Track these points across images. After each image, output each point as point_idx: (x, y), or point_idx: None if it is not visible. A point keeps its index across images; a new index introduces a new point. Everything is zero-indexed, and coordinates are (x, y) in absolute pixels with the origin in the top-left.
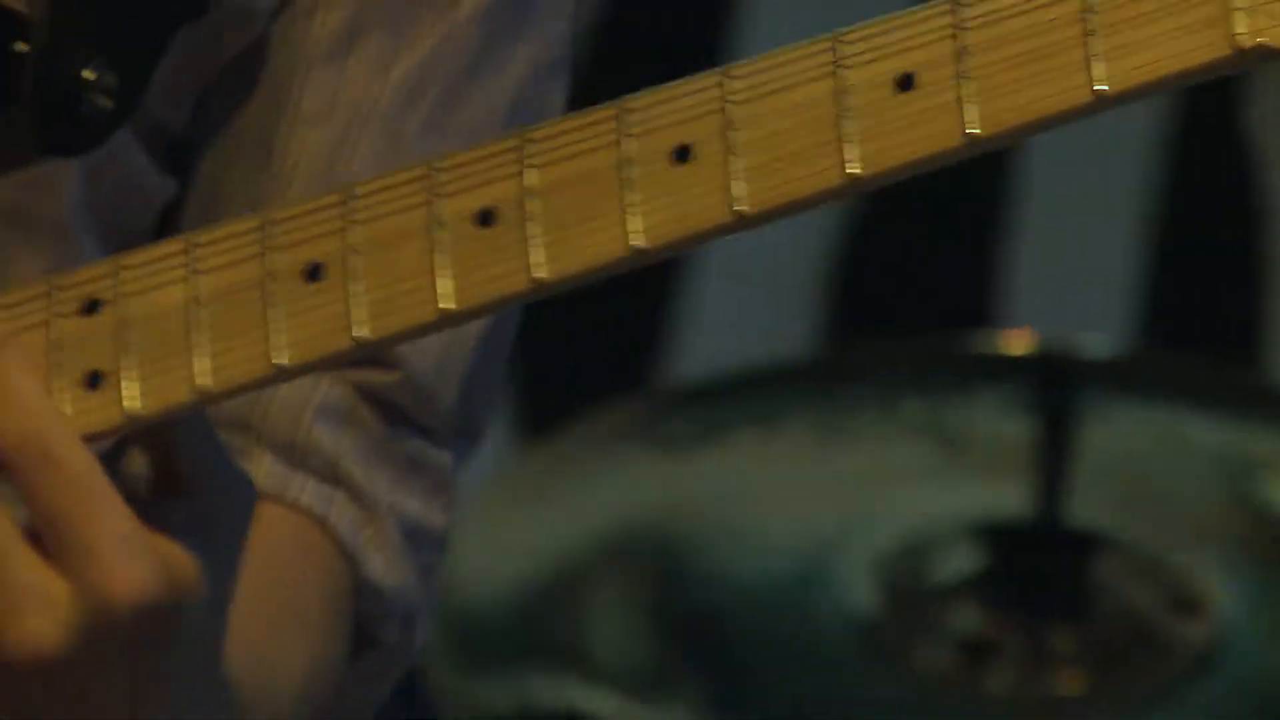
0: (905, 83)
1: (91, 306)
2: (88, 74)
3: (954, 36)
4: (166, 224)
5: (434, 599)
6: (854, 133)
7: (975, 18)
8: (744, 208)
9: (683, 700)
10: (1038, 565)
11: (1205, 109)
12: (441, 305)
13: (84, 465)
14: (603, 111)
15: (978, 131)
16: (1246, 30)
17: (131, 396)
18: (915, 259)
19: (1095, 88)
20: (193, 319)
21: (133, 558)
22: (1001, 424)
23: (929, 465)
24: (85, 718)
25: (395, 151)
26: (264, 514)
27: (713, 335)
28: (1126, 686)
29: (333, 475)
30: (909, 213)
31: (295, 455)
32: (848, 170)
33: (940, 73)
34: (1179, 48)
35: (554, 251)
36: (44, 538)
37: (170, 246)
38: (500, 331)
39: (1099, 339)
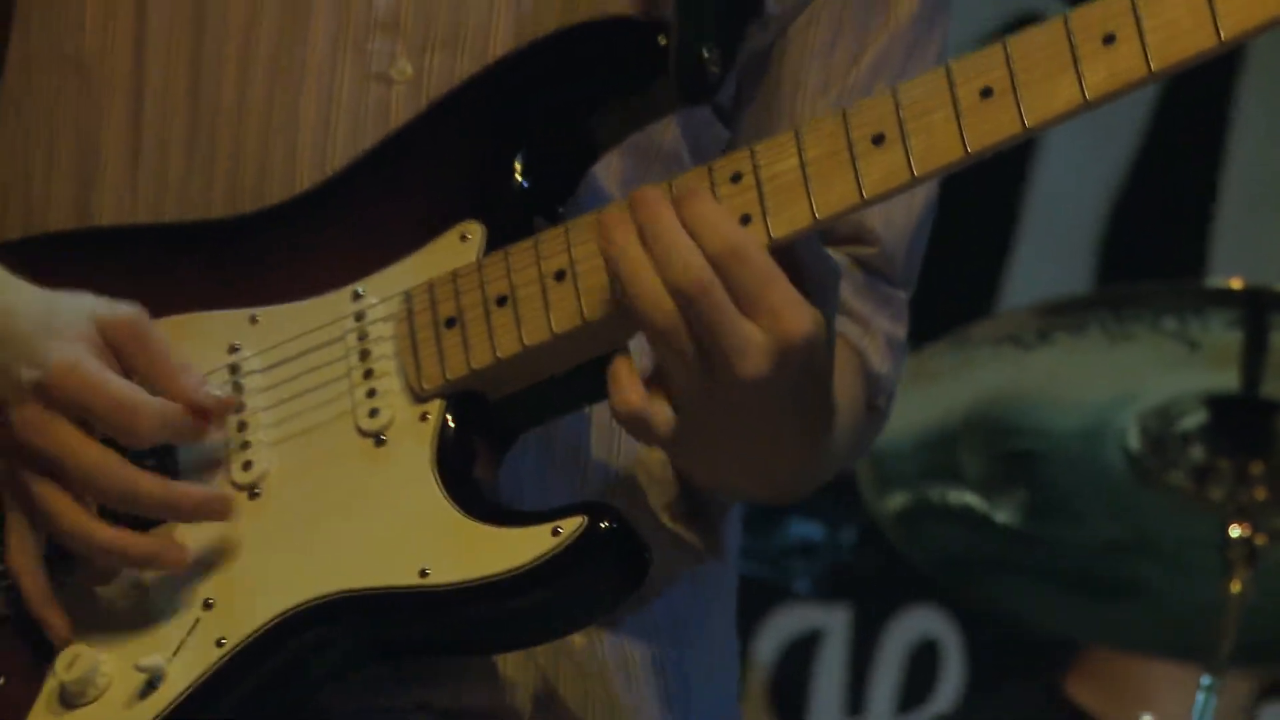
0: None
1: (736, 177)
2: (706, 52)
3: None
4: None
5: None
6: None
7: None
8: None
9: (1013, 504)
10: (1243, 421)
11: None
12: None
13: (764, 257)
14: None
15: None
16: None
17: (774, 226)
18: (1167, 226)
19: None
20: (805, 174)
21: (800, 312)
22: (1223, 333)
23: (1177, 358)
24: (773, 423)
25: None
26: None
27: (1031, 273)
28: None
29: (842, 305)
30: (1155, 195)
31: None
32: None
33: None
34: None
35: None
36: (743, 307)
37: (783, 137)
38: (930, 214)
39: None
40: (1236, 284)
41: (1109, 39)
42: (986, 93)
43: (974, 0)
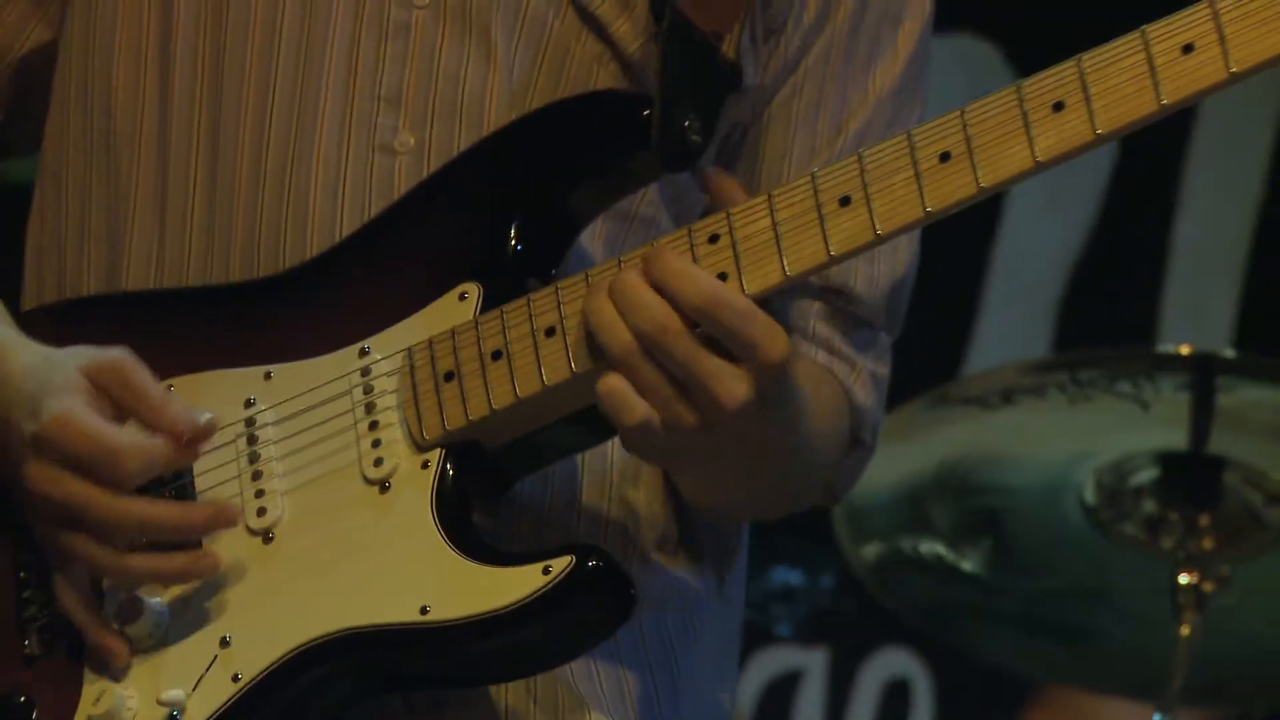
0: None
1: (714, 238)
2: (688, 124)
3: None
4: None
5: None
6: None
7: None
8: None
9: (979, 553)
10: (1191, 476)
11: None
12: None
13: (741, 301)
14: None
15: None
16: None
17: (748, 283)
18: (1120, 296)
19: None
20: (777, 234)
21: (776, 342)
22: (1173, 395)
23: (1130, 418)
24: (751, 442)
25: None
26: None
27: (995, 339)
28: (1240, 547)
29: (830, 347)
30: (1109, 268)
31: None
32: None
33: None
34: None
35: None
36: (730, 344)
37: (757, 200)
38: (912, 271)
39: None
40: (1185, 350)
41: (1058, 106)
42: (945, 157)
43: (945, 85)
